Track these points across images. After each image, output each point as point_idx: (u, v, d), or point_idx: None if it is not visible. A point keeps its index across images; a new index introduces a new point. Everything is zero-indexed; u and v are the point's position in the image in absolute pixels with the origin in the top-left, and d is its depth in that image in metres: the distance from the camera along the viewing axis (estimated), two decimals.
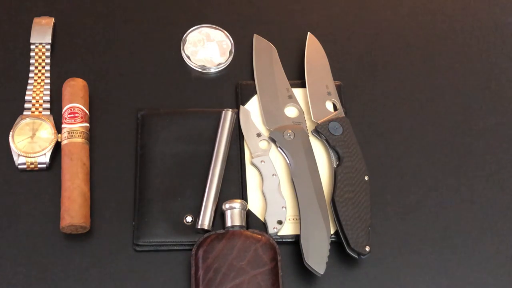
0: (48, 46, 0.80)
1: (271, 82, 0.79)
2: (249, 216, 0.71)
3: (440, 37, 0.86)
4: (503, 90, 0.83)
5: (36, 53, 0.79)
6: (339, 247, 0.69)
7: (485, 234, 0.73)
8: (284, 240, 0.70)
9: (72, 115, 0.73)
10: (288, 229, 0.70)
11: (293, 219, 0.71)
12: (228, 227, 0.68)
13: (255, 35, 0.83)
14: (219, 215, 0.71)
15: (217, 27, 0.84)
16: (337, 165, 0.73)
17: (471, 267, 0.71)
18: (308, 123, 0.77)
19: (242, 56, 0.82)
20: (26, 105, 0.75)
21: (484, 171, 0.77)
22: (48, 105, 0.76)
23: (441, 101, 0.81)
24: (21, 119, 0.74)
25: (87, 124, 0.73)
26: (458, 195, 0.75)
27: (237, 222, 0.68)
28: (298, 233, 0.69)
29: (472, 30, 0.87)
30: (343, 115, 0.77)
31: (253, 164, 0.74)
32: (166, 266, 0.69)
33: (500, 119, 0.80)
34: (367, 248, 0.68)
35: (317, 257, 0.66)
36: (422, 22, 0.88)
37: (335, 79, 0.80)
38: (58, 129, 0.74)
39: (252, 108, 0.78)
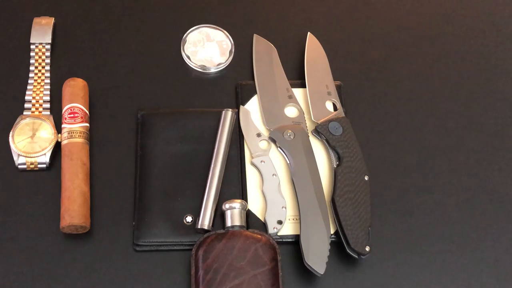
0: (48, 46, 0.80)
1: (271, 82, 0.79)
2: (249, 216, 0.71)
3: (440, 37, 0.86)
4: (505, 89, 0.83)
5: (36, 53, 0.79)
6: (339, 247, 0.69)
7: (485, 234, 0.73)
8: (284, 240, 0.70)
9: (72, 115, 0.73)
10: (288, 229, 0.70)
11: (293, 219, 0.71)
12: (228, 227, 0.68)
13: (255, 35, 0.83)
14: (219, 215, 0.71)
15: (217, 27, 0.84)
16: (337, 165, 0.73)
17: (471, 267, 0.71)
18: (308, 123, 0.77)
19: (242, 56, 0.82)
20: (26, 105, 0.75)
21: (484, 171, 0.77)
22: (48, 105, 0.76)
23: (441, 101, 0.81)
24: (21, 119, 0.74)
25: (87, 124, 0.73)
26: (458, 195, 0.75)
27: (237, 222, 0.68)
28: (298, 233, 0.69)
29: (472, 30, 0.87)
30: (343, 115, 0.77)
31: (253, 164, 0.74)
32: (166, 266, 0.69)
33: (501, 119, 0.80)
34: (367, 248, 0.68)
35: (317, 257, 0.66)
36: (422, 22, 0.88)
37: (335, 79, 0.80)
38: (58, 129, 0.74)
39: (252, 108, 0.78)
